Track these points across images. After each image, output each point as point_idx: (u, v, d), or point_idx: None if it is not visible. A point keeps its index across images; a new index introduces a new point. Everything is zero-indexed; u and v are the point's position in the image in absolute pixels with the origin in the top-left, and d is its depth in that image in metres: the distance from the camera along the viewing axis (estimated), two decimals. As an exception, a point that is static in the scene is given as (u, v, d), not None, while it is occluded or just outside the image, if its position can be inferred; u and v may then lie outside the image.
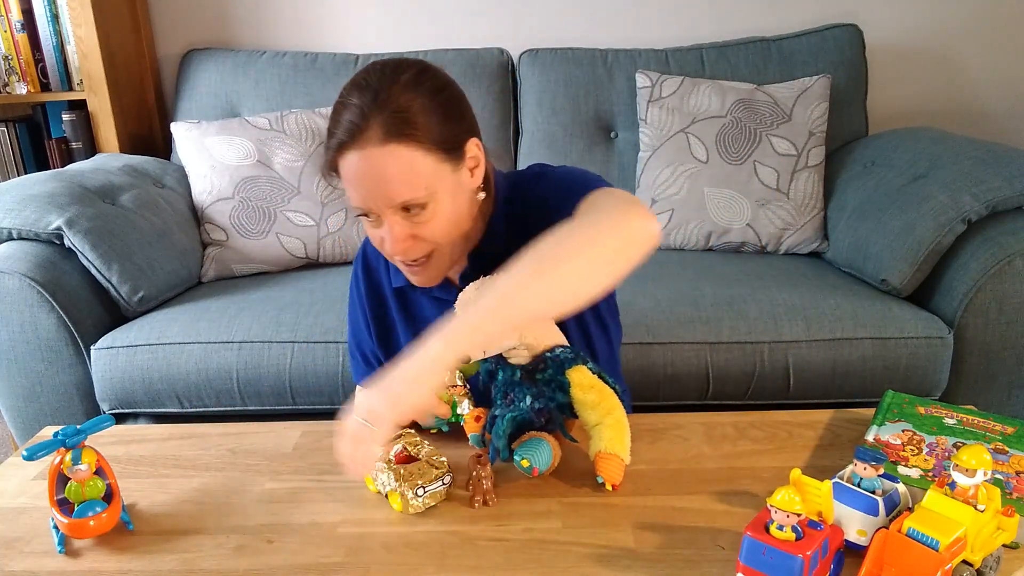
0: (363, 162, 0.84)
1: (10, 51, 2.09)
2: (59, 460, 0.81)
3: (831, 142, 2.04)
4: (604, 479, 0.85)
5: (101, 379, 1.58)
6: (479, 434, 0.91)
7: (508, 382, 0.89)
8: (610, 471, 0.85)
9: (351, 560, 0.77)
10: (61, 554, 0.79)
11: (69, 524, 0.79)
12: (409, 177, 0.85)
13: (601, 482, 0.85)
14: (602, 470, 0.85)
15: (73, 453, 0.81)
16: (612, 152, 2.13)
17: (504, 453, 0.86)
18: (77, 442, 0.81)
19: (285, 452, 0.98)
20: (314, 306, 1.64)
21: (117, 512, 0.82)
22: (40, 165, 2.19)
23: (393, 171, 0.84)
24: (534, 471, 0.85)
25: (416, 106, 0.85)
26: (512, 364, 0.89)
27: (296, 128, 2.00)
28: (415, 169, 0.85)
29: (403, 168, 0.84)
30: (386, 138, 0.83)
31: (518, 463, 0.86)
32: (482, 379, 0.93)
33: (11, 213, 1.59)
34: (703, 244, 1.96)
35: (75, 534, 0.80)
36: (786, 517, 0.66)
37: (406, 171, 0.85)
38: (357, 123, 0.84)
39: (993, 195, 1.54)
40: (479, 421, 0.90)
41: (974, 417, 0.93)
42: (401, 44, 2.24)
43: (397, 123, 0.84)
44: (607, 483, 0.85)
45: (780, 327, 1.55)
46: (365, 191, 0.86)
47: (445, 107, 0.88)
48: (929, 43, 2.30)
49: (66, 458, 0.81)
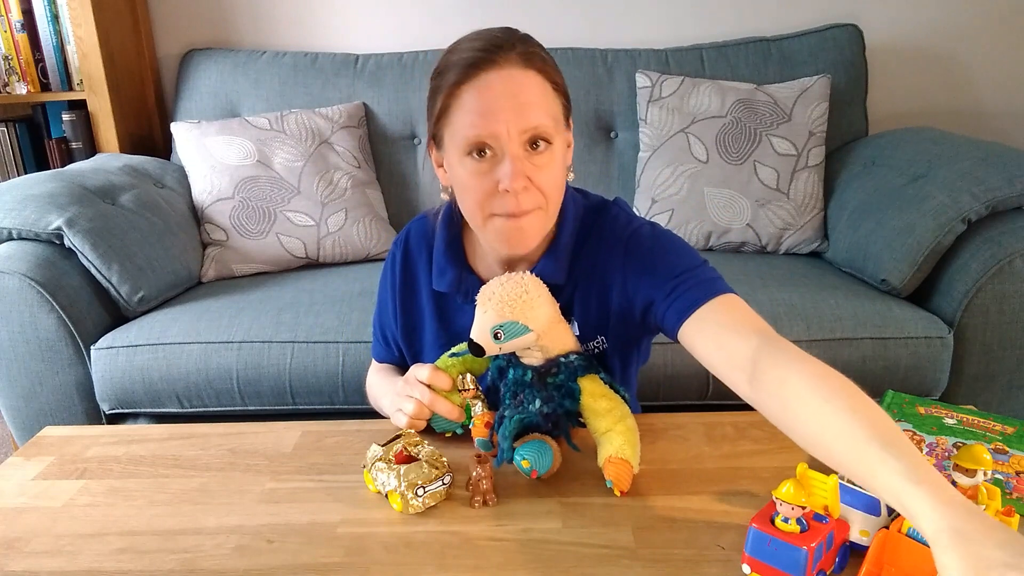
0: (503, 82, 0.84)
1: (10, 51, 2.09)
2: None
3: (831, 142, 2.04)
4: (613, 483, 0.85)
5: (101, 379, 1.58)
6: (487, 439, 0.91)
7: (519, 382, 0.89)
8: (620, 475, 0.84)
9: (351, 560, 0.76)
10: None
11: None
12: (545, 105, 0.86)
13: (610, 486, 0.85)
14: (611, 474, 0.84)
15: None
16: (612, 152, 2.13)
17: (508, 453, 0.86)
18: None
19: (285, 452, 0.98)
20: (314, 306, 1.64)
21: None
22: (40, 165, 2.19)
23: (532, 94, 0.85)
24: (533, 473, 0.85)
25: (544, 53, 0.88)
26: (524, 364, 0.89)
27: (296, 128, 2.00)
28: (549, 100, 0.87)
29: (540, 94, 0.86)
30: (527, 63, 0.85)
31: (518, 463, 0.85)
32: (491, 375, 0.93)
33: (11, 213, 1.58)
34: (703, 244, 1.96)
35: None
36: (791, 510, 0.66)
37: (542, 98, 0.86)
38: (495, 47, 0.85)
39: (993, 195, 1.54)
40: (488, 426, 0.90)
41: (974, 417, 0.93)
42: (401, 44, 2.24)
43: (536, 56, 0.87)
44: (616, 488, 0.85)
45: (780, 327, 1.53)
46: (501, 112, 0.84)
47: (559, 68, 0.92)
48: (929, 43, 2.30)
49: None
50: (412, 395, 0.91)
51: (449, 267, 1.00)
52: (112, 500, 0.88)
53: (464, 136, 0.85)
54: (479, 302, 0.87)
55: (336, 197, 1.96)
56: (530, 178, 0.86)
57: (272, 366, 1.55)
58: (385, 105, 2.15)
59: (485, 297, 0.87)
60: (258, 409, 1.60)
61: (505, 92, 0.83)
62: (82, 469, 0.95)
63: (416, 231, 1.06)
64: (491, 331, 0.85)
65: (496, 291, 0.87)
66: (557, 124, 0.88)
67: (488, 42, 0.85)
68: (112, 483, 0.92)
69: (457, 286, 1.00)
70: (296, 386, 1.56)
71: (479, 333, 0.86)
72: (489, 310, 0.86)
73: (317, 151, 1.99)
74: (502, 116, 0.83)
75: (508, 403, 0.89)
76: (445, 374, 0.91)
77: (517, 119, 0.83)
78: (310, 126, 2.02)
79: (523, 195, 0.86)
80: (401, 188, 2.15)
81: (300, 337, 1.56)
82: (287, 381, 1.56)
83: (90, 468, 0.96)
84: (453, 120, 0.86)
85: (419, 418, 0.91)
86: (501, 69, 0.83)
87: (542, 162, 0.86)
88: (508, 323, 0.85)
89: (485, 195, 0.88)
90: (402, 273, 1.06)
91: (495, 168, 0.86)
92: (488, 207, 0.88)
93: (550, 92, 0.88)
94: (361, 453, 0.92)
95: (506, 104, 0.83)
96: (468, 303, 1.00)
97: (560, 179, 0.91)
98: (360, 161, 2.05)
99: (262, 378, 1.55)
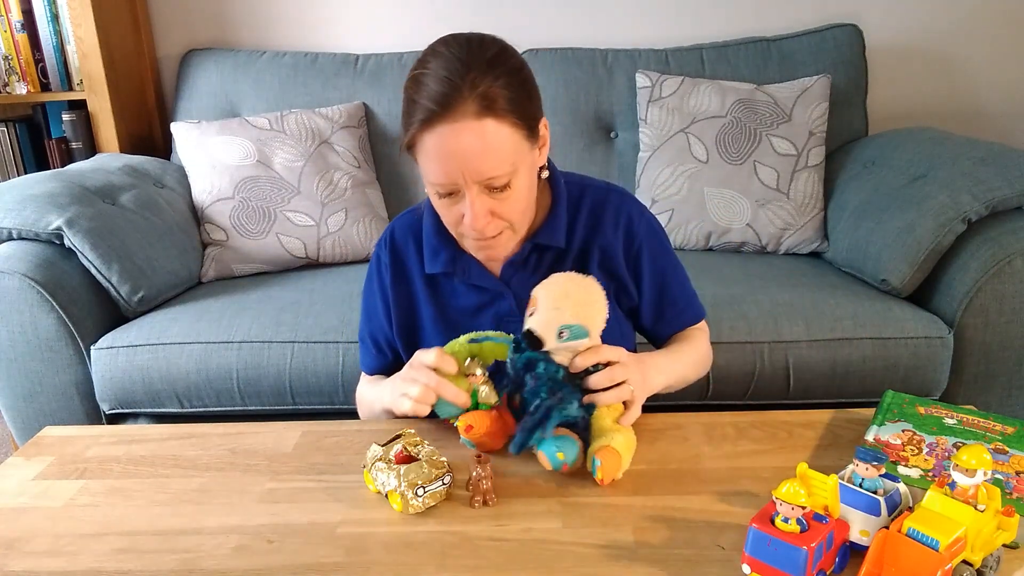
0: (456, 136, 0.85)
1: (10, 51, 2.09)
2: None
3: (831, 142, 2.04)
4: (600, 467, 0.84)
5: (101, 379, 1.58)
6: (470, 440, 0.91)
7: (553, 379, 0.88)
8: (608, 464, 0.84)
9: (351, 560, 0.76)
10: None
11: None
12: (500, 152, 0.87)
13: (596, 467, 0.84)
14: (602, 458, 0.84)
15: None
16: (612, 152, 2.13)
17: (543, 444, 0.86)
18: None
19: (285, 452, 0.98)
20: (314, 306, 1.64)
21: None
22: (40, 165, 2.19)
23: (486, 146, 0.86)
24: (564, 466, 0.86)
25: (504, 83, 0.86)
26: (556, 361, 0.89)
27: (296, 128, 2.00)
28: (505, 145, 0.87)
29: (495, 143, 0.86)
30: (480, 112, 0.85)
31: (552, 455, 0.85)
32: (515, 365, 0.90)
33: (11, 213, 1.58)
34: (703, 244, 1.96)
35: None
36: (791, 509, 0.66)
37: (498, 146, 0.86)
38: (450, 96, 0.84)
39: (993, 195, 1.54)
40: (469, 431, 0.89)
41: (974, 417, 0.93)
42: (401, 44, 2.24)
43: (490, 99, 0.85)
44: (599, 473, 0.84)
45: (780, 327, 1.55)
46: (455, 165, 0.86)
47: (526, 85, 0.90)
48: (929, 43, 2.30)
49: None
50: (418, 379, 0.91)
51: (442, 248, 1.02)
52: (112, 500, 0.88)
53: (428, 180, 0.91)
54: (548, 295, 0.88)
55: (336, 197, 1.96)
56: (493, 211, 0.91)
57: (272, 366, 1.55)
58: (385, 105, 2.15)
59: (560, 294, 0.88)
60: (258, 409, 1.60)
61: (458, 148, 0.85)
62: (82, 469, 0.95)
63: (400, 226, 1.09)
64: (559, 328, 0.86)
65: (571, 291, 0.88)
66: (518, 158, 0.89)
67: (445, 87, 0.85)
68: (112, 483, 0.92)
69: (452, 265, 1.03)
70: (296, 386, 1.56)
71: (546, 328, 0.86)
72: (563, 308, 0.86)
73: (317, 151, 1.99)
74: (457, 168, 0.87)
75: (546, 397, 0.87)
76: (452, 358, 0.91)
77: (472, 172, 0.87)
78: (310, 126, 2.02)
79: (489, 227, 0.92)
80: (401, 188, 2.15)
81: (300, 337, 1.56)
82: (287, 381, 1.56)
83: (90, 468, 0.96)
84: (419, 157, 0.90)
85: (424, 402, 0.91)
86: (455, 123, 0.84)
87: (504, 197, 0.90)
88: (576, 325, 0.86)
89: (454, 222, 0.94)
90: (392, 268, 1.08)
91: (460, 203, 0.91)
92: (458, 230, 0.95)
93: (506, 133, 0.87)
94: (361, 453, 0.92)
95: (461, 158, 0.86)
96: (465, 282, 1.04)
97: (525, 201, 0.94)
98: (360, 161, 2.05)
99: (262, 378, 1.55)
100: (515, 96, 0.87)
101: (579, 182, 1.07)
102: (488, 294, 1.04)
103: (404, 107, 0.90)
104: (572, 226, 1.04)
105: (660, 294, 1.08)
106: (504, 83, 0.86)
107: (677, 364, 1.06)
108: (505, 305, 1.04)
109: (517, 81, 0.88)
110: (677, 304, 1.10)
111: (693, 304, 1.13)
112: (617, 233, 1.04)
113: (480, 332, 0.94)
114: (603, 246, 1.04)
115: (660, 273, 1.07)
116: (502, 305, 1.04)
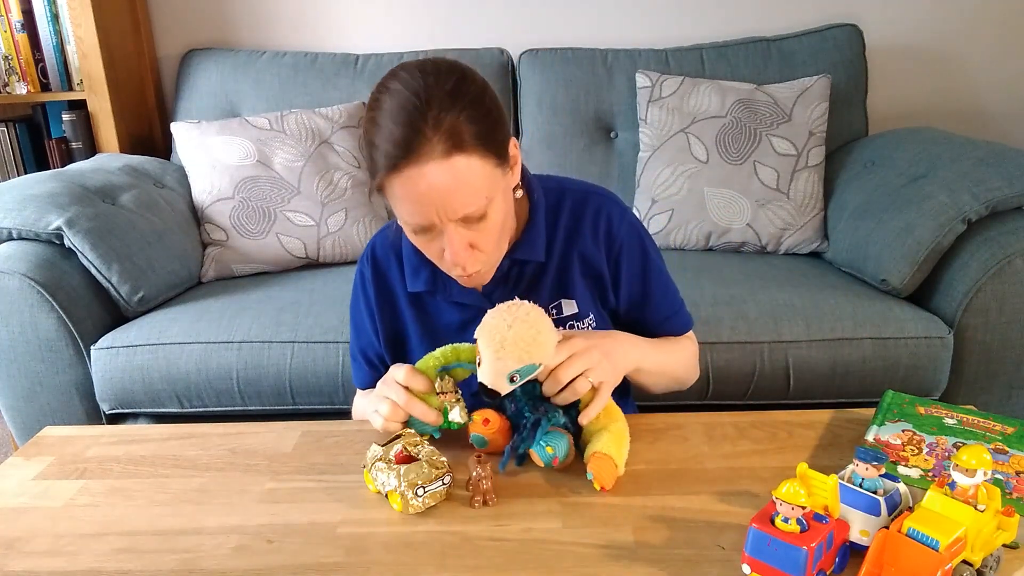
0: (425, 178, 0.81)
1: (10, 51, 2.09)
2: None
3: (831, 142, 2.04)
4: (594, 477, 0.84)
5: (101, 379, 1.58)
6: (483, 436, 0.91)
7: (531, 395, 0.89)
8: (602, 471, 0.84)
9: (351, 560, 0.76)
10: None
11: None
12: (472, 187, 0.83)
13: (590, 479, 0.85)
14: (594, 468, 0.84)
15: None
16: (612, 152, 2.13)
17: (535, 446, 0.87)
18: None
19: (285, 452, 0.98)
20: (314, 306, 1.64)
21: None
22: (40, 165, 2.19)
23: (457, 183, 0.82)
24: (555, 460, 0.86)
25: (468, 116, 0.82)
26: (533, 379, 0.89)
27: (296, 128, 2.00)
28: (477, 179, 0.83)
29: (467, 178, 0.82)
30: (448, 151, 0.81)
31: (541, 451, 0.86)
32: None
33: (11, 213, 1.59)
34: (703, 244, 1.96)
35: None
36: (791, 509, 0.66)
37: (469, 181, 0.83)
38: (412, 140, 0.80)
39: (993, 195, 1.54)
40: (487, 424, 0.90)
41: (974, 417, 0.93)
42: (401, 44, 2.24)
43: (456, 136, 0.81)
44: (596, 482, 0.85)
45: (780, 327, 1.55)
46: (429, 206, 0.83)
47: (490, 111, 0.85)
48: (929, 43, 2.30)
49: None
50: (388, 395, 0.90)
51: (422, 267, 1.01)
52: (112, 500, 0.88)
53: (404, 221, 0.88)
54: (487, 346, 0.84)
55: (336, 197, 1.96)
56: (472, 244, 0.88)
57: (272, 366, 1.55)
58: (385, 105, 2.14)
59: (496, 343, 0.83)
60: (258, 409, 1.60)
61: (429, 190, 0.82)
62: (82, 469, 0.95)
63: (380, 243, 1.07)
64: (507, 376, 0.83)
65: (508, 337, 0.83)
66: (492, 187, 0.86)
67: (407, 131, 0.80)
68: (112, 483, 0.92)
69: (433, 284, 1.01)
70: (296, 386, 1.56)
71: (495, 379, 0.83)
72: (504, 357, 0.83)
73: (317, 151, 1.99)
74: (431, 211, 0.84)
75: (529, 415, 0.89)
76: (423, 376, 0.90)
77: (447, 211, 0.84)
78: (310, 126, 2.02)
79: (469, 262, 0.89)
80: (401, 188, 2.15)
81: (300, 337, 1.56)
82: (287, 381, 1.56)
83: (90, 468, 0.96)
84: (390, 200, 0.87)
85: (394, 420, 0.90)
86: (423, 165, 0.80)
87: (482, 228, 0.88)
88: (524, 367, 0.84)
89: (436, 257, 0.92)
90: (376, 285, 1.06)
91: (438, 238, 0.88)
92: (441, 263, 0.92)
93: (476, 166, 0.83)
94: (361, 453, 0.92)
95: (434, 199, 0.83)
96: (448, 300, 1.03)
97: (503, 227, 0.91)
98: (360, 161, 2.05)
99: (262, 378, 1.55)
100: (481, 128, 0.83)
101: (557, 187, 1.04)
102: (472, 310, 1.01)
103: (366, 151, 0.87)
104: (551, 236, 1.01)
105: (642, 297, 1.05)
106: (468, 116, 0.82)
107: (653, 347, 1.03)
108: None
109: (482, 112, 0.84)
110: (660, 311, 1.07)
111: (680, 313, 1.10)
112: (597, 237, 1.02)
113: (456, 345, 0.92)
114: (584, 253, 1.02)
115: (640, 277, 1.04)
116: None
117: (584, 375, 0.88)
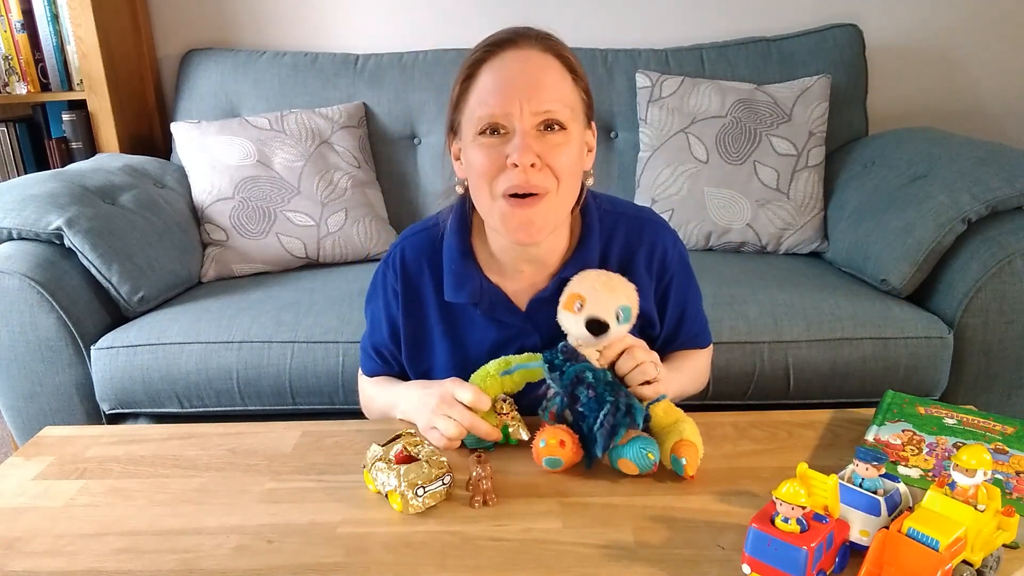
0: (521, 61, 0.85)
1: (10, 51, 2.09)
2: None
3: (831, 142, 2.04)
4: (687, 463, 0.85)
5: (101, 379, 1.57)
6: (560, 458, 0.88)
7: (606, 380, 0.88)
8: (692, 457, 0.86)
9: (351, 560, 0.77)
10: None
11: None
12: (561, 88, 0.87)
13: (685, 464, 0.85)
14: (686, 454, 0.86)
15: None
16: (612, 152, 2.13)
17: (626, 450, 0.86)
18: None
19: (285, 452, 0.98)
20: (314, 306, 1.64)
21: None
22: (40, 165, 2.19)
23: (549, 78, 0.86)
24: (654, 467, 0.87)
25: (567, 49, 0.89)
26: (601, 367, 0.90)
27: (296, 128, 2.00)
28: (567, 86, 0.87)
29: (558, 79, 0.87)
30: (548, 48, 0.87)
31: (643, 456, 0.86)
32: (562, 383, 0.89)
33: (11, 213, 1.58)
34: (703, 244, 1.96)
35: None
36: (791, 509, 0.66)
37: (559, 83, 0.87)
38: (515, 33, 0.87)
39: (993, 195, 1.54)
40: (563, 446, 0.88)
41: (974, 417, 0.93)
42: (401, 44, 2.24)
43: (557, 48, 0.88)
44: (688, 468, 0.85)
45: (780, 327, 1.55)
46: (515, 91, 0.85)
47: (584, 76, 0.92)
48: (929, 43, 2.30)
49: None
50: (451, 415, 0.90)
51: (469, 277, 0.98)
52: (112, 500, 0.88)
53: (478, 116, 0.87)
54: (596, 287, 0.88)
55: (336, 197, 1.96)
56: (541, 156, 0.85)
57: (272, 366, 1.55)
58: (385, 105, 2.15)
59: (603, 282, 0.89)
60: (258, 409, 1.60)
61: (522, 71, 0.85)
62: (82, 469, 0.96)
63: (412, 247, 1.03)
64: (615, 311, 0.87)
65: (613, 278, 0.91)
66: (575, 114, 0.88)
67: (512, 30, 0.88)
68: (112, 483, 0.92)
69: (479, 296, 0.98)
70: (296, 386, 1.56)
71: (606, 312, 0.87)
72: (615, 290, 0.88)
73: (317, 151, 1.99)
74: (515, 94, 0.84)
75: (612, 399, 0.86)
76: (487, 396, 0.91)
77: (530, 99, 0.84)
78: (310, 126, 2.02)
79: (533, 173, 0.85)
80: (401, 188, 2.15)
81: (300, 337, 1.56)
82: (287, 381, 1.56)
83: (90, 468, 0.96)
84: (470, 100, 0.88)
85: (459, 439, 0.92)
86: (521, 50, 0.85)
87: (555, 141, 0.86)
88: (627, 307, 0.89)
89: (495, 170, 0.87)
90: (404, 294, 1.03)
91: (506, 144, 0.86)
92: (496, 186, 0.88)
93: (568, 81, 0.88)
94: (361, 453, 0.92)
95: (521, 82, 0.84)
96: (488, 316, 0.99)
97: (575, 165, 0.90)
98: (360, 161, 2.05)
99: (262, 378, 1.55)
100: (579, 63, 0.90)
101: (612, 210, 1.02)
102: (512, 330, 0.99)
103: (458, 77, 0.90)
104: (603, 263, 0.99)
105: (679, 321, 1.09)
106: (567, 49, 0.89)
107: (680, 375, 1.08)
108: (531, 343, 0.99)
109: (577, 59, 0.91)
110: (692, 330, 1.11)
111: (705, 330, 1.15)
112: (651, 268, 1.02)
113: (505, 359, 0.94)
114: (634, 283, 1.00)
115: (683, 303, 1.08)
116: (527, 343, 0.99)
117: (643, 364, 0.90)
